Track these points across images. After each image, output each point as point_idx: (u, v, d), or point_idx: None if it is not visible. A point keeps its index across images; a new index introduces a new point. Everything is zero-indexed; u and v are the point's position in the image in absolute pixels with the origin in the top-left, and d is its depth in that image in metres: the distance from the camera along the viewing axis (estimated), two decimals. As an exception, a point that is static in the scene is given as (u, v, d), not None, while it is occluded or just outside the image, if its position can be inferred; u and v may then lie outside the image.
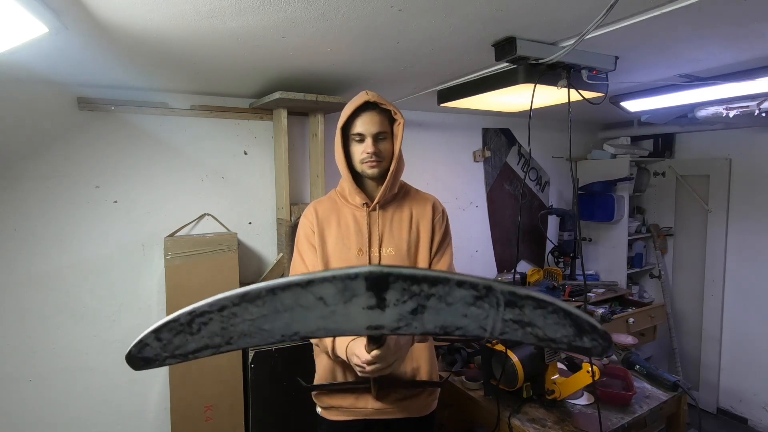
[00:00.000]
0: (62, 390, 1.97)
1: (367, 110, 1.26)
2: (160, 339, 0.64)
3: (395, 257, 1.30)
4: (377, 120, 1.26)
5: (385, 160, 1.28)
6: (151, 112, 2.06)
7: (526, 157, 3.34)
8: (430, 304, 0.57)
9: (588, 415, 1.56)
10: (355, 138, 1.28)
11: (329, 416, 1.37)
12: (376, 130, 1.25)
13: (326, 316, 0.58)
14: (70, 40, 1.30)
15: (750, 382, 3.07)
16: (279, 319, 0.58)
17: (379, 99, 1.27)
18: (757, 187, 2.99)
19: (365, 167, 1.28)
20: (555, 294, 2.84)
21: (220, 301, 0.58)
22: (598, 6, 1.12)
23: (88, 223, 1.98)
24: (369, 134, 1.25)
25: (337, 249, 1.31)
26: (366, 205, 1.31)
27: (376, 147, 1.26)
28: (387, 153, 1.28)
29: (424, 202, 1.37)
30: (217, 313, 0.59)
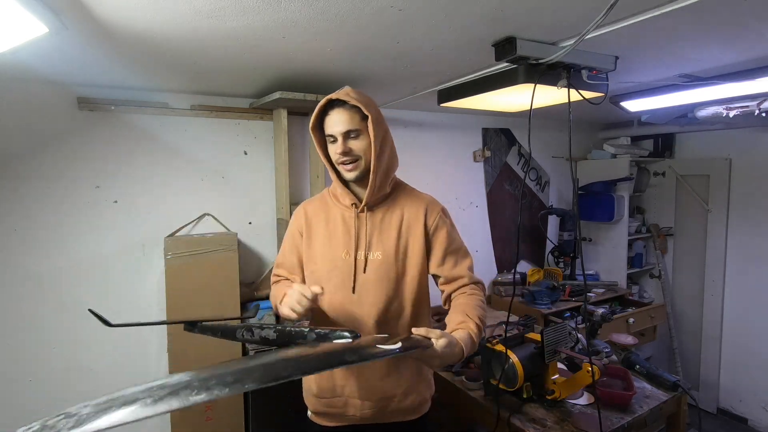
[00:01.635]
0: (62, 390, 1.97)
1: (334, 108, 1.20)
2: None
3: (382, 262, 1.24)
4: (345, 118, 1.18)
5: (361, 160, 1.21)
6: (151, 112, 2.07)
7: (526, 157, 3.34)
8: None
9: (588, 415, 1.56)
10: (329, 139, 1.22)
11: (319, 421, 1.35)
12: (344, 129, 1.18)
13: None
14: (70, 40, 1.30)
15: (750, 382, 3.07)
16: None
17: (347, 96, 1.17)
18: (757, 187, 2.99)
19: (342, 170, 1.22)
20: (555, 294, 2.84)
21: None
22: (598, 6, 1.12)
23: (88, 223, 1.98)
24: (338, 134, 1.19)
25: (324, 250, 1.28)
26: (355, 206, 1.26)
27: (345, 146, 1.19)
28: (363, 152, 1.20)
29: (418, 203, 1.29)
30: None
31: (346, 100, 1.17)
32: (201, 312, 2.01)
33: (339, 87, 2.04)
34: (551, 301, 2.82)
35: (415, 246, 1.26)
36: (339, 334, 0.98)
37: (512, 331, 1.84)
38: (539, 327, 2.36)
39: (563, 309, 2.79)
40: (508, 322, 1.62)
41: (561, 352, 1.61)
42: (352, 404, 1.29)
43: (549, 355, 1.57)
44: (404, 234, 1.27)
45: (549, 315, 2.71)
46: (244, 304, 2.19)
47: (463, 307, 1.20)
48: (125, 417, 0.57)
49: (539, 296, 2.82)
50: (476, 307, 1.20)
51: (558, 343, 1.60)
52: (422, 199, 1.31)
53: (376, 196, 1.26)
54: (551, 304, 2.81)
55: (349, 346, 0.90)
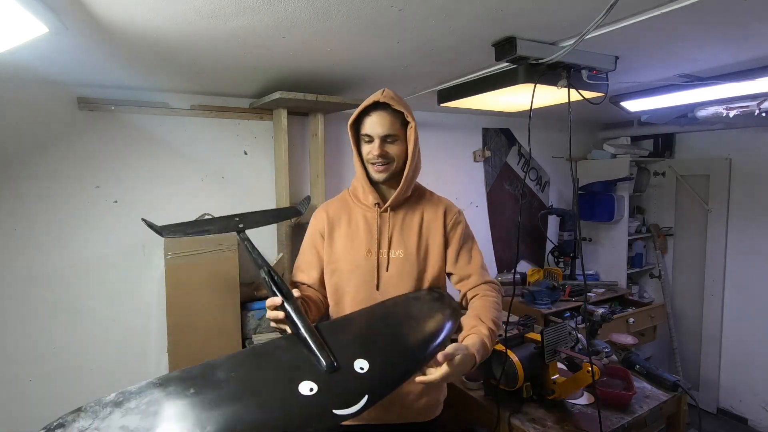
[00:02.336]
0: (62, 390, 1.97)
1: (377, 110, 1.23)
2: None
3: (405, 260, 1.28)
4: (387, 122, 1.22)
5: (393, 164, 1.25)
6: (151, 112, 2.06)
7: (526, 157, 3.34)
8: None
9: (588, 415, 1.56)
10: (365, 138, 1.26)
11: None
12: (383, 132, 1.22)
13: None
14: (70, 40, 1.30)
15: (750, 382, 3.07)
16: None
17: (392, 100, 1.22)
18: (757, 187, 2.99)
19: (371, 170, 1.27)
20: (555, 294, 2.84)
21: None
22: (598, 6, 1.12)
23: (88, 223, 1.98)
24: (376, 136, 1.23)
25: (346, 249, 1.30)
26: (378, 206, 1.30)
27: (382, 149, 1.23)
28: (397, 156, 1.25)
29: (437, 205, 1.35)
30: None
31: (390, 104, 1.21)
32: (201, 312, 2.01)
33: (339, 87, 2.06)
34: (551, 301, 2.82)
35: (434, 245, 1.31)
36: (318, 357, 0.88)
37: (512, 331, 1.84)
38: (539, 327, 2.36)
39: (563, 309, 2.79)
40: (508, 322, 1.62)
41: (561, 352, 1.61)
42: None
43: (549, 355, 1.57)
44: (425, 233, 1.31)
45: (549, 315, 2.71)
46: (244, 304, 2.19)
47: (477, 311, 1.22)
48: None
49: (539, 296, 2.82)
50: (490, 309, 1.22)
51: (558, 343, 1.60)
52: (441, 201, 1.37)
53: (401, 198, 1.30)
54: (551, 304, 2.81)
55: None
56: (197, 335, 2.00)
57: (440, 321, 1.05)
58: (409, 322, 1.03)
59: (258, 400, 0.74)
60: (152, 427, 0.63)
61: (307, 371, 0.82)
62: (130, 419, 0.65)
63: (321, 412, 0.76)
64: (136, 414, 0.65)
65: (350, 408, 0.77)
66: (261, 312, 2.18)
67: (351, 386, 0.82)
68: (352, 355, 0.88)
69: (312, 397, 0.77)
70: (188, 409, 0.68)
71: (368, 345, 0.93)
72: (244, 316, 2.15)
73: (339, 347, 0.90)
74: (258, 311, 2.18)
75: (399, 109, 1.22)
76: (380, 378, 0.85)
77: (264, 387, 0.79)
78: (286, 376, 0.81)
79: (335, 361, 0.86)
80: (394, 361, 0.90)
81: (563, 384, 1.60)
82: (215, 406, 0.70)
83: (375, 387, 0.82)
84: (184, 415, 0.68)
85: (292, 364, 0.85)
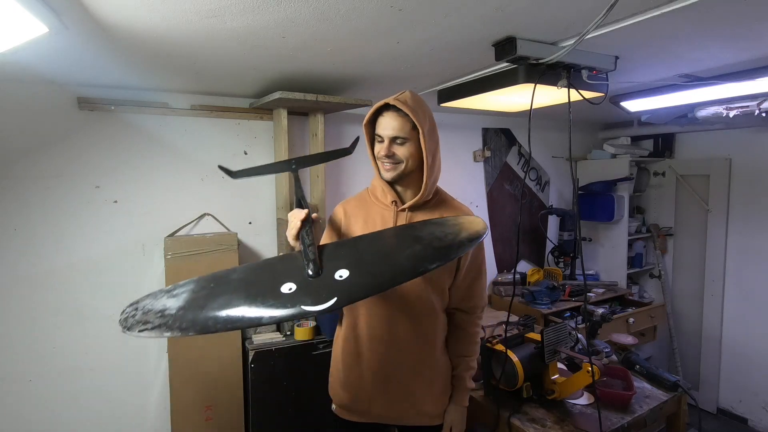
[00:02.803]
0: (62, 390, 1.97)
1: (389, 111, 1.24)
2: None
3: None
4: (397, 124, 1.23)
5: (402, 165, 1.26)
6: (151, 112, 2.07)
7: (526, 157, 3.34)
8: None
9: (588, 415, 1.56)
10: (377, 138, 1.27)
11: (343, 415, 1.38)
12: (392, 134, 1.23)
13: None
14: (70, 40, 1.30)
15: (750, 382, 3.07)
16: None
17: (402, 103, 1.22)
18: (757, 187, 2.99)
19: (380, 168, 1.28)
20: (555, 294, 2.84)
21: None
22: (598, 6, 1.12)
23: (88, 223, 1.98)
24: (386, 137, 1.24)
25: None
26: (395, 204, 1.31)
27: (389, 150, 1.24)
28: (406, 158, 1.25)
29: (456, 213, 1.34)
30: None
31: (400, 108, 1.21)
32: (201, 312, 2.01)
33: (339, 87, 2.06)
34: (551, 301, 2.82)
35: None
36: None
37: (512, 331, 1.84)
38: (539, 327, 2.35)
39: (563, 309, 2.79)
40: (508, 322, 1.62)
41: (561, 352, 1.61)
42: (378, 402, 1.31)
43: (549, 355, 1.57)
44: None
45: (549, 315, 2.71)
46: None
47: (461, 350, 1.39)
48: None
49: (539, 296, 2.82)
50: (473, 347, 1.40)
51: (558, 343, 1.60)
52: (461, 209, 1.38)
53: (420, 201, 1.30)
54: (551, 304, 2.81)
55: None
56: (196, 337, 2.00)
57: (448, 245, 1.06)
58: (412, 243, 1.07)
59: (247, 294, 0.95)
60: (181, 305, 0.92)
61: (292, 276, 0.98)
62: (170, 301, 0.95)
63: (292, 306, 0.90)
64: (175, 297, 0.96)
65: (318, 306, 0.89)
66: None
67: (325, 289, 0.94)
68: (336, 266, 1.00)
69: (288, 294, 0.93)
70: (204, 296, 0.95)
71: (357, 259, 1.03)
72: (244, 316, 2.15)
73: (330, 260, 1.02)
74: (258, 311, 2.18)
75: (407, 113, 1.21)
76: (355, 284, 0.95)
77: (255, 286, 0.98)
78: (275, 279, 0.98)
79: (320, 269, 0.99)
80: (374, 271, 1.00)
81: (563, 384, 1.60)
82: (219, 295, 0.95)
83: (346, 291, 0.93)
84: (200, 300, 0.94)
85: (284, 271, 1.01)
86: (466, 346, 1.38)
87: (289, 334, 2.15)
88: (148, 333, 0.87)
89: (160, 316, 0.91)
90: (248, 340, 2.11)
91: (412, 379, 1.31)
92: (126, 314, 0.95)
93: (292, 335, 2.14)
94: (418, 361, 1.31)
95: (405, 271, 0.98)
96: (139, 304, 0.97)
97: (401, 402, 1.31)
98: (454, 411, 1.36)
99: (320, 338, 2.12)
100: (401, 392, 1.31)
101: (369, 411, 1.33)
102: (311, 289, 0.94)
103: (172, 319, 0.89)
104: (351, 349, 1.33)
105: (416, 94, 1.27)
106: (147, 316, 0.91)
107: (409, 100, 1.23)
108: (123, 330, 0.90)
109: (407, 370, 1.30)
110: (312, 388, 2.10)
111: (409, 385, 1.31)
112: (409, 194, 1.33)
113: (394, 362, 1.30)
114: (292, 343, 2.08)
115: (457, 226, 1.11)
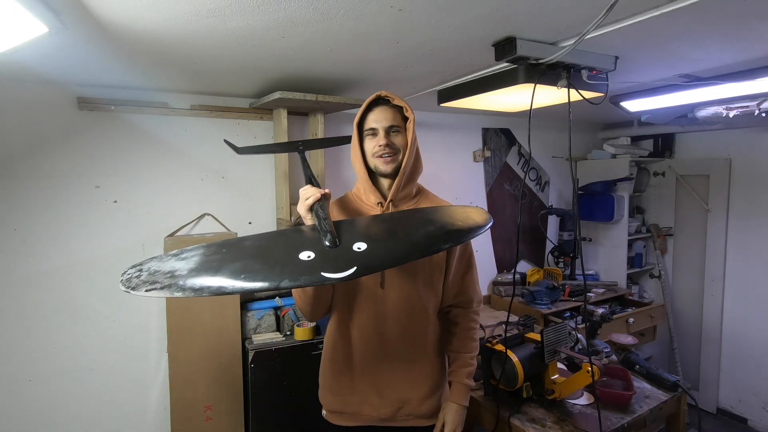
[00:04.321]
0: (62, 390, 1.97)
1: (379, 105, 1.28)
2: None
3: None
4: (389, 115, 1.26)
5: (399, 154, 1.27)
6: (151, 112, 2.07)
7: (526, 157, 3.34)
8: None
9: (588, 415, 1.56)
10: (369, 133, 1.28)
11: (334, 420, 1.36)
12: (388, 123, 1.25)
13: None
14: (70, 40, 1.30)
15: (750, 382, 3.07)
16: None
17: (391, 96, 1.28)
18: (757, 187, 2.99)
19: (379, 162, 1.27)
20: (555, 294, 2.84)
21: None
22: (598, 6, 1.12)
23: (88, 223, 1.98)
24: (381, 127, 1.25)
25: None
26: (380, 205, 1.31)
27: (388, 139, 1.25)
28: (402, 147, 1.28)
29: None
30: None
31: (391, 99, 1.27)
32: (200, 312, 2.01)
33: (339, 87, 2.06)
34: (551, 301, 2.82)
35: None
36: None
37: (512, 331, 1.84)
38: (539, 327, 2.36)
39: (563, 309, 2.80)
40: (508, 322, 1.62)
41: (561, 352, 1.61)
42: (369, 403, 1.31)
43: (549, 355, 1.57)
44: None
45: (549, 315, 2.71)
46: (244, 304, 2.19)
47: (457, 346, 1.38)
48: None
49: (539, 296, 2.82)
50: (470, 343, 1.39)
51: (558, 343, 1.60)
52: (443, 203, 1.37)
53: (401, 194, 1.31)
54: (551, 304, 2.81)
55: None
56: (197, 335, 2.00)
57: (459, 229, 1.11)
58: (425, 224, 1.10)
59: (265, 259, 0.95)
60: (192, 267, 0.91)
61: (309, 245, 0.99)
62: (179, 263, 0.93)
63: (311, 272, 0.91)
64: (184, 260, 0.94)
65: (338, 273, 0.89)
66: (260, 312, 2.19)
67: (343, 258, 0.95)
68: (353, 239, 1.01)
69: (307, 261, 0.94)
70: (218, 260, 0.94)
71: (372, 235, 1.05)
72: (243, 316, 2.15)
73: (345, 234, 1.03)
74: (257, 311, 2.18)
75: (398, 104, 1.27)
76: (373, 256, 0.96)
77: (274, 253, 0.98)
78: (293, 247, 0.99)
79: (337, 240, 1.00)
80: (390, 246, 1.02)
81: (563, 384, 1.60)
82: (235, 260, 0.93)
83: (365, 262, 0.94)
84: (213, 263, 0.93)
85: (299, 240, 1.02)
86: (463, 342, 1.38)
87: (289, 334, 2.15)
88: (156, 293, 0.85)
89: (169, 276, 0.89)
90: (248, 340, 2.11)
91: (403, 380, 1.30)
92: (129, 275, 0.92)
93: (292, 335, 2.14)
94: (408, 362, 1.31)
95: (420, 248, 1.01)
96: (144, 266, 0.94)
97: (392, 404, 1.30)
98: (449, 408, 1.33)
99: (320, 338, 2.12)
100: (391, 394, 1.30)
101: (360, 414, 1.32)
102: (330, 258, 0.95)
103: (183, 279, 0.88)
104: (340, 351, 1.33)
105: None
106: (154, 276, 0.89)
107: (394, 96, 1.28)
108: (126, 290, 0.87)
109: (398, 372, 1.30)
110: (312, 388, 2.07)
111: (399, 386, 1.30)
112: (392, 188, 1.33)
113: (384, 364, 1.30)
114: (292, 343, 2.08)
115: (464, 213, 1.17)
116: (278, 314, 2.21)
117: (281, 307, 2.23)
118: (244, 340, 2.13)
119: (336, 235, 1.00)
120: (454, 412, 1.32)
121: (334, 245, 0.98)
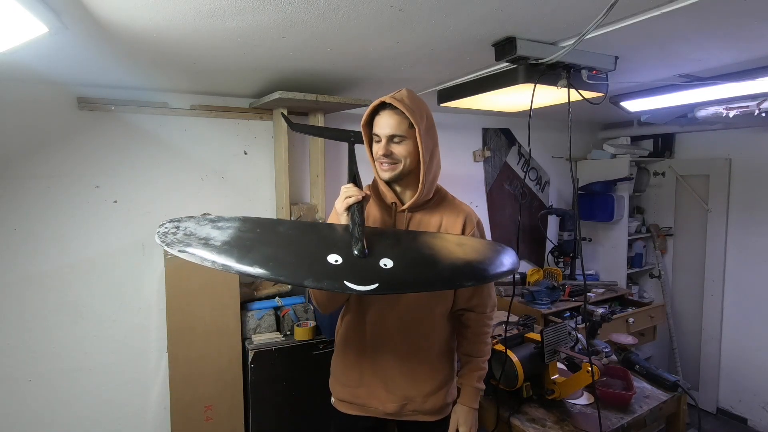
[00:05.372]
0: (62, 390, 1.97)
1: (385, 109, 1.21)
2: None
3: None
4: (394, 122, 1.19)
5: (400, 164, 1.23)
6: (151, 112, 2.07)
7: (526, 157, 3.34)
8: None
9: (588, 415, 1.56)
10: (374, 138, 1.25)
11: (342, 408, 1.38)
12: (389, 132, 1.20)
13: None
14: (70, 40, 1.30)
15: (750, 382, 3.07)
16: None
17: (398, 102, 1.18)
18: (757, 187, 2.99)
19: (378, 168, 1.26)
20: (555, 294, 2.84)
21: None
22: (598, 6, 1.12)
23: (88, 223, 1.98)
24: (383, 136, 1.21)
25: None
26: (395, 205, 1.30)
27: (387, 149, 1.21)
28: (404, 156, 1.22)
29: (458, 212, 1.33)
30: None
31: (396, 106, 1.18)
32: (201, 313, 2.01)
33: (339, 87, 2.06)
34: (551, 301, 2.82)
35: None
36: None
37: (512, 331, 1.84)
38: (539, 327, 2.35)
39: (563, 309, 2.79)
40: (508, 322, 1.62)
41: (561, 352, 1.61)
42: (376, 396, 1.32)
43: (549, 355, 1.57)
44: None
45: (549, 315, 2.71)
46: (244, 304, 2.19)
47: (468, 350, 1.38)
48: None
49: (539, 296, 2.81)
50: (482, 347, 1.39)
51: (558, 343, 1.60)
52: (462, 209, 1.35)
53: (420, 200, 1.28)
54: (551, 304, 2.80)
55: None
56: (197, 335, 2.00)
57: (484, 264, 1.11)
58: (454, 257, 1.10)
59: (295, 252, 0.96)
60: (226, 239, 0.93)
61: (340, 249, 0.99)
62: (215, 232, 0.94)
63: (335, 277, 0.91)
64: (220, 230, 0.95)
65: (360, 286, 0.89)
66: (260, 312, 2.18)
67: (369, 272, 0.95)
68: (382, 253, 1.01)
69: (334, 265, 0.94)
70: (251, 239, 0.95)
71: (401, 253, 1.05)
72: (243, 316, 2.15)
73: (375, 245, 1.03)
74: (257, 311, 2.18)
75: (403, 111, 1.17)
76: (397, 278, 0.96)
77: (304, 247, 1.00)
78: (323, 246, 1.00)
79: (366, 250, 1.00)
80: (417, 273, 1.02)
81: (563, 384, 1.60)
82: (267, 245, 0.95)
83: (388, 281, 0.94)
84: (246, 241, 0.95)
85: (332, 241, 1.03)
86: (475, 346, 1.38)
87: (288, 334, 2.15)
88: (188, 256, 0.86)
89: (203, 243, 0.90)
90: (248, 340, 2.11)
91: (408, 378, 1.31)
92: (166, 229, 0.93)
93: (292, 335, 2.14)
94: (413, 361, 1.31)
95: (443, 281, 1.02)
96: (181, 224, 0.95)
97: (397, 400, 1.31)
98: (460, 411, 1.35)
99: (320, 338, 2.12)
100: (397, 390, 1.31)
101: (367, 406, 1.34)
102: (356, 268, 0.95)
103: (216, 251, 0.89)
104: (352, 344, 1.34)
105: (413, 92, 1.24)
106: (190, 239, 0.91)
107: (405, 98, 1.20)
108: (161, 243, 0.88)
109: (403, 370, 1.31)
110: (312, 388, 2.09)
111: (404, 384, 1.31)
112: (408, 194, 1.31)
113: (392, 361, 1.31)
114: (292, 343, 2.08)
115: (495, 252, 1.18)
116: (278, 314, 2.20)
117: (281, 307, 2.23)
118: (244, 340, 2.13)
119: (365, 246, 1.00)
120: (466, 415, 1.35)
121: (362, 255, 0.99)
